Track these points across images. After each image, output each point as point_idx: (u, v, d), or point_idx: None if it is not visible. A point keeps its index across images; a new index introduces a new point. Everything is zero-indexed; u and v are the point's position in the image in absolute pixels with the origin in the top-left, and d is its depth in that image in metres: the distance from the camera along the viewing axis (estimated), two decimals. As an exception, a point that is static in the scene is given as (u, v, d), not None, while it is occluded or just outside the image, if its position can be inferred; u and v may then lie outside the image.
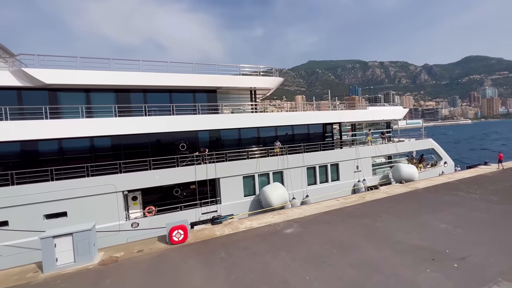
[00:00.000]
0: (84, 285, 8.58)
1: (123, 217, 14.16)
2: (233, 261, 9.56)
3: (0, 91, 13.05)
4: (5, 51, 17.94)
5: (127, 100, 15.64)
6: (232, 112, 19.19)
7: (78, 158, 14.11)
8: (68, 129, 13.59)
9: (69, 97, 14.50)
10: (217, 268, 9.14)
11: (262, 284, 8.06)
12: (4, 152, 13.02)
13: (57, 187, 12.85)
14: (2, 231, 11.88)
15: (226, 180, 16.51)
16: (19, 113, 13.31)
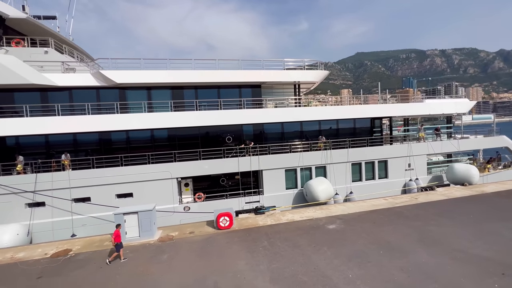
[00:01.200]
0: (146, 257, 9.71)
1: (177, 201, 15.51)
2: (275, 250, 9.65)
3: (84, 90, 15.38)
4: (87, 56, 20.96)
5: (181, 96, 16.85)
6: (276, 106, 19.09)
7: (141, 147, 15.86)
8: (133, 122, 15.32)
9: (135, 94, 16.28)
10: (260, 256, 9.33)
11: (303, 276, 7.95)
12: (86, 141, 15.44)
13: (125, 172, 14.71)
14: (86, 205, 14.18)
15: (269, 172, 16.63)
16: (97, 108, 15.51)
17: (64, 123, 14.49)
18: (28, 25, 16.66)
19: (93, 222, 14.18)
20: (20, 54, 14.95)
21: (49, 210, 13.91)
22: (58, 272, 8.97)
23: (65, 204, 14.01)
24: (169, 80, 16.11)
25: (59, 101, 14.93)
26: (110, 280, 8.30)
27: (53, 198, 13.85)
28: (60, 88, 14.97)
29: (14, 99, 14.71)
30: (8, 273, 9.08)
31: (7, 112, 14.36)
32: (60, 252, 10.39)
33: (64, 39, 19.16)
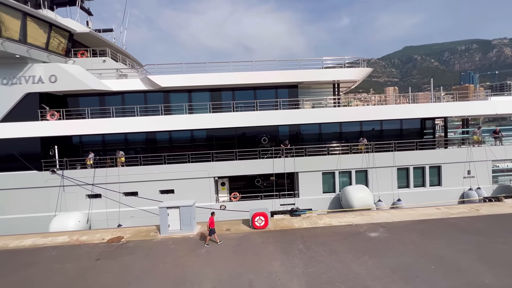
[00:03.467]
0: (186, 249, 10.42)
1: (213, 199, 16.29)
2: (311, 254, 9.50)
3: (134, 94, 17.13)
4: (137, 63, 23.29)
5: (219, 98, 17.65)
6: (313, 107, 18.74)
7: (182, 147, 17.02)
8: (175, 123, 16.54)
9: (177, 97, 17.58)
10: (295, 258, 9.28)
11: (341, 284, 7.68)
12: (135, 140, 17.17)
13: (168, 169, 15.95)
14: (134, 199, 15.75)
15: (305, 174, 16.39)
16: (145, 110, 17.13)
17: (117, 124, 16.34)
18: (90, 38, 19.24)
19: (140, 214, 15.68)
20: (84, 64, 17.36)
21: (104, 201, 15.82)
22: (112, 256, 10.18)
23: (116, 196, 15.77)
24: (208, 83, 17.02)
25: (113, 104, 16.91)
26: (155, 267, 9.12)
27: (106, 191, 15.71)
28: (115, 93, 16.93)
29: (79, 103, 17.12)
30: (74, 252, 10.63)
31: (73, 115, 16.75)
32: (114, 239, 11.76)
33: (119, 48, 21.64)
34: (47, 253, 10.73)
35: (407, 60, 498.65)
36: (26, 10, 15.72)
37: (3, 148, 15.38)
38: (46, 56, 16.30)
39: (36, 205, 15.38)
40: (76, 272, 9.04)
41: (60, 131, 15.93)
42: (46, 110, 16.02)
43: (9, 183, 15.30)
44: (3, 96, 15.56)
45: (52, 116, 16.01)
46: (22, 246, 11.60)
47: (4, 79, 15.63)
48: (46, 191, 15.44)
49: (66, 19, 18.19)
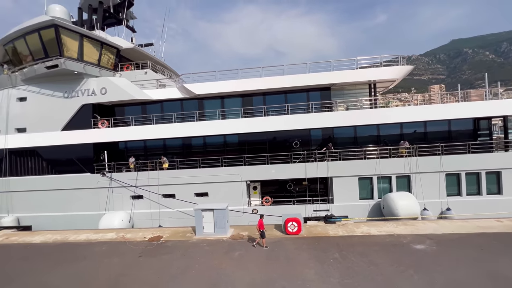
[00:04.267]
0: (220, 252, 10.69)
1: (246, 202, 16.50)
2: (347, 264, 9.03)
3: (171, 102, 18.33)
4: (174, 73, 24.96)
5: (250, 103, 17.98)
6: (347, 109, 18.02)
7: (215, 151, 17.64)
8: (209, 128, 17.25)
9: (210, 103, 18.35)
10: (331, 268, 8.91)
11: (383, 298, 7.15)
12: (173, 145, 18.28)
13: (202, 173, 16.65)
14: (172, 200, 16.72)
15: (340, 180, 15.74)
16: (181, 117, 18.20)
17: (157, 130, 17.60)
18: (134, 53, 21.24)
19: (177, 215, 16.56)
20: (128, 76, 19.19)
21: (145, 202, 17.07)
22: (153, 254, 10.89)
23: (156, 198, 16.90)
24: (239, 89, 17.47)
25: (153, 112, 18.30)
26: (191, 267, 9.52)
27: (147, 192, 16.93)
28: (155, 101, 18.33)
29: (125, 112, 18.89)
30: (120, 249, 11.63)
31: (119, 123, 18.51)
32: (155, 238, 12.58)
33: (158, 60, 23.49)
34: (97, 247, 11.91)
35: (456, 54, 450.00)
36: (83, 32, 18.03)
37: (64, 153, 17.62)
38: (98, 71, 18.42)
39: (89, 204, 17.22)
40: (121, 267, 9.86)
41: (109, 137, 17.72)
42: (98, 119, 17.99)
43: (68, 184, 17.43)
44: (64, 108, 17.91)
45: (102, 124, 17.91)
46: (78, 240, 13.07)
47: (65, 93, 18.00)
48: (97, 192, 17.23)
49: (114, 37, 20.38)
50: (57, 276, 9.50)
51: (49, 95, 18.11)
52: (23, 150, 18.10)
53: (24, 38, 17.43)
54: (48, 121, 17.90)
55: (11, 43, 18.27)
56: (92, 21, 20.45)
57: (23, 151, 18.16)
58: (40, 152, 17.96)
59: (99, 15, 20.90)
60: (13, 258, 11.26)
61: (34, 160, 18.20)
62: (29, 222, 17.27)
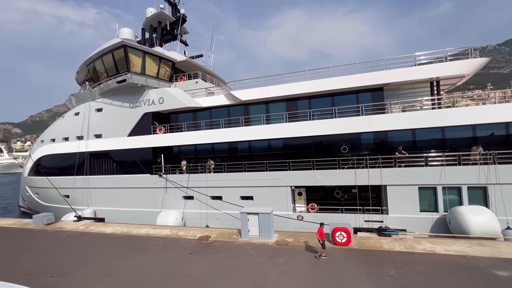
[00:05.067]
0: (265, 257, 10.78)
1: (290, 208, 16.30)
2: (406, 284, 8.13)
3: (219, 108, 19.43)
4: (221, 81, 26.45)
5: (295, 107, 17.85)
6: (404, 110, 16.40)
7: (260, 155, 17.97)
8: (254, 133, 17.70)
9: (256, 109, 18.83)
10: (387, 286, 8.14)
11: (451, 327, 6.21)
12: (220, 149, 19.22)
13: (247, 177, 17.11)
14: (219, 202, 17.59)
15: (395, 189, 14.35)
16: (228, 122, 19.11)
17: (206, 135, 18.83)
18: (187, 64, 23.28)
19: (224, 217, 17.32)
20: (182, 86, 21.14)
21: (195, 203, 18.33)
22: (202, 252, 11.61)
23: (204, 199, 18.00)
24: (284, 93, 17.51)
25: (203, 119, 19.66)
26: (236, 269, 9.85)
27: (197, 194, 18.15)
28: (204, 108, 19.69)
29: (178, 118, 20.76)
30: (174, 245, 12.72)
31: (174, 129, 20.41)
32: (204, 237, 13.40)
33: (207, 70, 25.26)
34: (155, 242, 13.24)
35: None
36: (145, 49, 20.58)
37: (129, 156, 20.23)
38: (157, 83, 20.75)
39: (148, 202, 19.31)
40: (175, 262, 10.76)
41: (165, 142, 19.69)
42: (156, 126, 20.18)
43: (132, 183, 19.89)
44: (130, 116, 20.63)
45: (160, 130, 20.02)
46: (140, 234, 14.71)
47: (131, 103, 20.74)
48: (155, 191, 19.21)
49: (170, 52, 22.71)
50: (123, 263, 10.88)
51: (119, 105, 21.12)
52: (99, 153, 21.40)
53: (101, 58, 20.82)
54: (118, 128, 20.87)
55: (92, 64, 21.99)
56: (153, 39, 23.24)
57: (99, 154, 21.46)
58: (112, 155, 20.98)
59: (158, 33, 23.61)
60: (90, 245, 13.33)
61: (107, 161, 21.33)
62: (103, 214, 20.21)
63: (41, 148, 24.25)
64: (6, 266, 11.07)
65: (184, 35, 26.78)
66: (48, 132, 25.25)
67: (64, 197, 21.70)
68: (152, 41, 23.15)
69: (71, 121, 23.37)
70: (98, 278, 9.67)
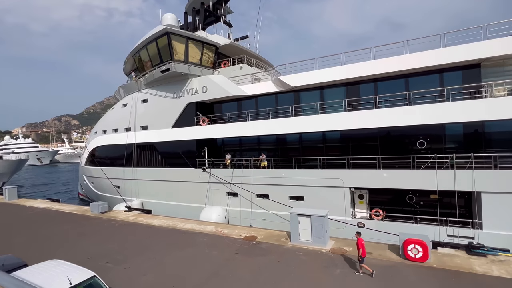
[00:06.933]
0: (318, 265, 10.48)
1: (349, 213, 15.45)
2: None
3: (266, 96, 19.30)
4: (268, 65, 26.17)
5: (356, 93, 16.54)
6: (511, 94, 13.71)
7: (313, 150, 17.37)
8: (305, 124, 17.07)
9: (308, 96, 18.11)
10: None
11: None
12: (267, 142, 19.32)
13: (298, 175, 16.74)
14: (266, 201, 17.70)
15: (494, 197, 12.26)
16: (276, 112, 18.86)
17: (252, 127, 18.97)
18: (231, 48, 23.66)
19: (271, 217, 17.41)
20: (226, 73, 21.60)
21: (239, 200, 18.81)
22: (248, 253, 11.92)
23: (249, 197, 18.30)
24: (343, 76, 16.34)
25: (248, 108, 19.82)
26: (286, 276, 9.81)
27: (242, 191, 18.56)
28: (249, 97, 19.78)
29: (222, 109, 21.37)
30: (218, 242, 13.36)
31: (217, 120, 21.10)
32: (249, 237, 13.74)
33: (253, 53, 25.25)
34: (200, 238, 14.11)
35: None
36: (188, 35, 21.52)
37: (174, 148, 21.78)
38: (200, 70, 21.63)
39: (192, 196, 20.59)
40: (220, 260, 11.28)
41: (208, 134, 20.56)
42: (199, 117, 21.15)
43: (176, 176, 21.44)
44: (174, 107, 22.07)
45: (203, 121, 20.94)
46: (185, 228, 15.88)
47: (174, 93, 22.12)
48: (199, 186, 20.35)
49: (213, 36, 23.32)
50: (170, 257, 11.91)
51: (163, 96, 22.75)
52: (145, 145, 23.56)
53: (146, 47, 22.57)
54: (162, 119, 22.59)
55: (138, 54, 24.04)
56: (195, 22, 24.13)
57: (145, 146, 23.64)
58: (157, 147, 22.89)
59: (201, 15, 24.41)
60: (140, 236, 14.90)
61: (153, 153, 23.38)
62: (150, 206, 22.38)
63: (95, 139, 27.93)
64: (71, 248, 13.35)
65: (227, 15, 27.15)
66: (100, 124, 28.89)
67: (115, 187, 24.68)
68: (195, 25, 24.09)
69: (120, 113, 26.21)
70: (147, 269, 10.84)
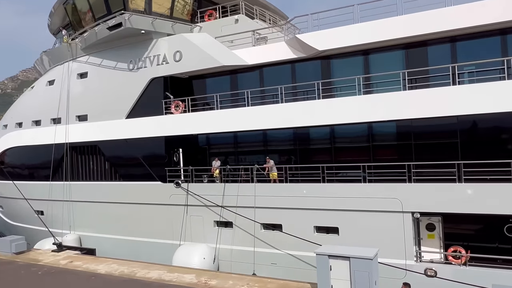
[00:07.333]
0: None
1: (411, 254, 14.79)
2: None
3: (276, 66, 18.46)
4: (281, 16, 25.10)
5: (422, 60, 15.90)
6: None
7: (351, 151, 16.91)
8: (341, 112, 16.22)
9: (343, 66, 17.45)
10: None
11: None
12: (278, 139, 18.72)
13: (329, 192, 15.96)
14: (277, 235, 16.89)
15: None
16: (292, 92, 17.93)
17: (253, 116, 18.14)
18: (219, -9, 22.62)
19: (285, 260, 16.71)
20: (212, 29, 20.75)
21: (235, 233, 18.07)
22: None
23: (251, 228, 17.49)
24: (401, 34, 15.68)
25: (248, 85, 19.00)
26: None
27: (238, 218, 17.75)
28: (250, 68, 18.98)
29: (206, 86, 20.42)
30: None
31: (199, 104, 20.11)
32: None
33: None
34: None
35: None
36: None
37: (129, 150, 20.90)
38: (170, 27, 20.77)
39: (160, 227, 19.77)
40: None
41: (185, 128, 19.70)
42: (171, 100, 20.17)
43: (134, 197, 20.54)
44: (128, 85, 21.15)
45: (177, 108, 19.97)
46: (149, 278, 15.30)
47: (130, 64, 21.18)
48: (170, 211, 19.54)
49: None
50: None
51: (112, 67, 21.85)
52: (85, 145, 22.70)
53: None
54: (112, 105, 21.73)
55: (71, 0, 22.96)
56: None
57: (85, 147, 22.76)
58: (102, 149, 22.08)
59: None
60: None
61: (96, 159, 22.47)
62: (93, 243, 21.59)
63: (4, 137, 26.90)
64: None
65: None
66: (13, 112, 27.89)
67: (37, 213, 23.80)
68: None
69: (44, 95, 25.34)
70: None
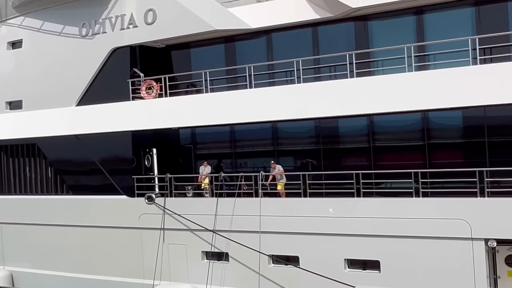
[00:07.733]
0: None
1: (487, 297, 15.39)
2: None
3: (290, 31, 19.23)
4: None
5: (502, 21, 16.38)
6: None
7: (397, 153, 17.68)
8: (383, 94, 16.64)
9: (387, 30, 18.17)
10: None
11: None
12: (290, 136, 19.69)
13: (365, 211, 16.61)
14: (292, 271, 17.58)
15: None
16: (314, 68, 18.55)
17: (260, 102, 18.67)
18: None
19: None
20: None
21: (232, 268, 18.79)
22: None
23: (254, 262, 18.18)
24: None
25: (250, 60, 19.67)
26: None
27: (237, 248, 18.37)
28: (254, 33, 19.65)
29: (191, 60, 21.17)
30: None
31: (181, 86, 20.84)
32: None
33: None
34: None
35: None
36: None
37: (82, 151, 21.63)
38: (140, -25, 21.30)
39: (126, 261, 20.54)
40: None
41: (161, 119, 20.32)
42: (141, 80, 20.96)
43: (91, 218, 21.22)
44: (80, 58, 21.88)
45: (149, 90, 20.70)
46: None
47: (83, 28, 21.90)
48: (140, 237, 20.24)
49: None
50: None
51: (56, 33, 22.60)
52: (18, 144, 23.46)
53: None
54: (56, 86, 22.49)
55: None
56: None
57: (18, 146, 23.55)
58: (44, 149, 22.85)
59: None
60: None
61: (35, 164, 23.27)
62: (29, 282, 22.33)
63: None
64: None
65: None
66: None
67: None
68: None
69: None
70: None
